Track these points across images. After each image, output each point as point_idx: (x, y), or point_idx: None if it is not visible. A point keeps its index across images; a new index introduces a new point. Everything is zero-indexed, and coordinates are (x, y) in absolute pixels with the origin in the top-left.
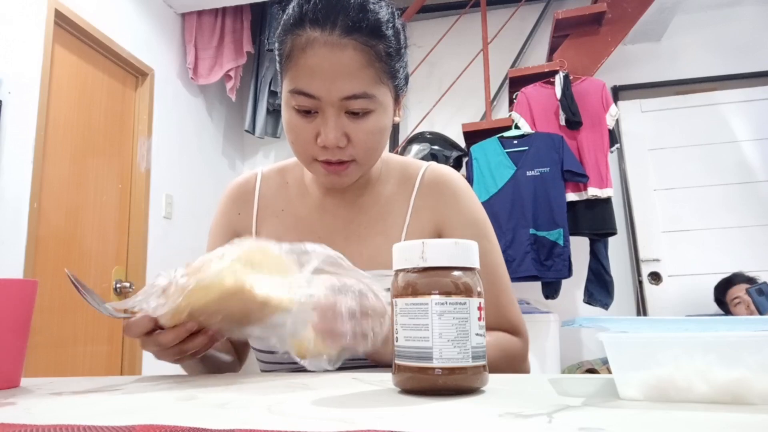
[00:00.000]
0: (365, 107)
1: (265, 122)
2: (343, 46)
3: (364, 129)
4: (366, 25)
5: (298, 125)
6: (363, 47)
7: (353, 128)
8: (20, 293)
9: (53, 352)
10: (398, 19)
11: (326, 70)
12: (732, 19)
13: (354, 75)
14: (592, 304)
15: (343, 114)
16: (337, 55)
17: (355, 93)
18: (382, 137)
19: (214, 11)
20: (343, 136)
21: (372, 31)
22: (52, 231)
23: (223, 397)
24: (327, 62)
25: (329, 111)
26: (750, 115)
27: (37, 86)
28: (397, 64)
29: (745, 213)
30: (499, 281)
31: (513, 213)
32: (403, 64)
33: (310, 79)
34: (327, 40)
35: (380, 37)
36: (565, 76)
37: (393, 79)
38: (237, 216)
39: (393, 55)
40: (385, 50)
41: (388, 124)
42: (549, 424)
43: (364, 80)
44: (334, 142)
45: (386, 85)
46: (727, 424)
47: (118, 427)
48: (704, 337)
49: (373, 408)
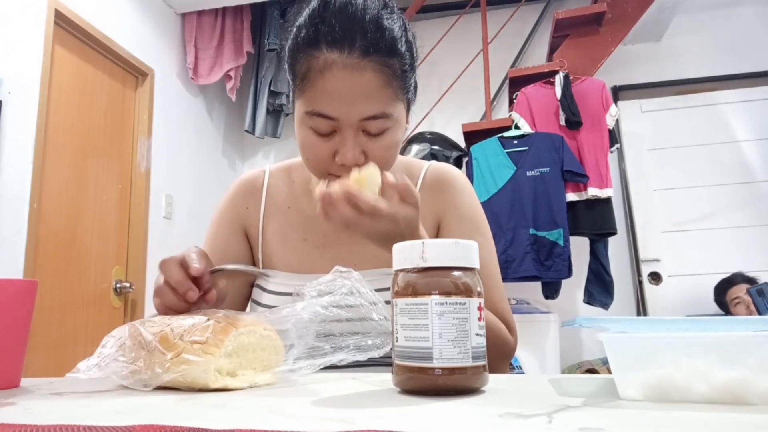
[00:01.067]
0: (383, 126)
1: (265, 122)
2: (362, 68)
3: (381, 146)
4: (384, 45)
5: (316, 144)
6: (381, 68)
7: (371, 146)
8: (20, 293)
9: (53, 352)
10: (409, 31)
11: (346, 93)
12: (732, 19)
13: (373, 96)
14: (592, 304)
15: (361, 132)
16: (356, 78)
17: (374, 114)
18: (397, 150)
19: (214, 11)
20: (362, 154)
21: (389, 50)
22: (52, 231)
23: (223, 397)
24: (347, 85)
25: (348, 132)
26: (750, 115)
27: (37, 86)
28: (411, 79)
29: (745, 213)
30: (491, 278)
31: (513, 213)
32: (414, 74)
33: (329, 101)
34: (346, 63)
35: (396, 55)
36: (565, 76)
37: (407, 93)
38: (245, 210)
39: (408, 70)
40: (401, 67)
41: (402, 136)
42: (549, 424)
43: (383, 101)
44: (353, 162)
45: (401, 101)
46: (727, 424)
47: (118, 427)
48: (704, 337)
49: (373, 408)
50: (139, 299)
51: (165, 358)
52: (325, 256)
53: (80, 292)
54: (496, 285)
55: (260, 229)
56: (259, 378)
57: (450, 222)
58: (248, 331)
